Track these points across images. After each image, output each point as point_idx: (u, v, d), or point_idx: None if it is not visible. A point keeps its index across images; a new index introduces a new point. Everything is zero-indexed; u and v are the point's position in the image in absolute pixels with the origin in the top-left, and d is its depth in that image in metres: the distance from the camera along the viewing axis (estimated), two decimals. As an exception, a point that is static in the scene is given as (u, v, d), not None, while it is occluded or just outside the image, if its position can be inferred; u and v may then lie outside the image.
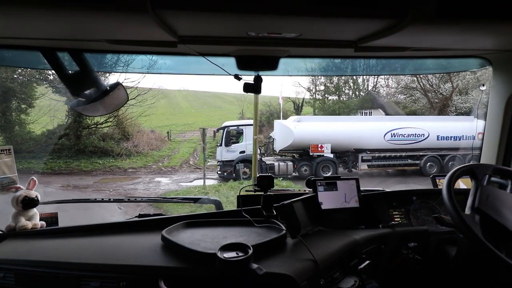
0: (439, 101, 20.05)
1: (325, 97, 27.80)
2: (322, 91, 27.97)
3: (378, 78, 27.74)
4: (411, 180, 12.81)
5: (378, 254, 1.58)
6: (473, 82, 18.54)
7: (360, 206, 1.77)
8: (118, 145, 15.48)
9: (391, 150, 13.58)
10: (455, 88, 18.99)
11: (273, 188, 1.73)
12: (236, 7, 0.96)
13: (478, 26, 1.14)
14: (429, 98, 20.90)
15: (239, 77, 1.49)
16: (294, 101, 27.80)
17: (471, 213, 1.28)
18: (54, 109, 14.50)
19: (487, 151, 1.92)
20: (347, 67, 2.08)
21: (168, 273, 1.21)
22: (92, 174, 13.59)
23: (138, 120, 16.76)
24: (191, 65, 1.71)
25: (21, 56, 1.64)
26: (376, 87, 29.02)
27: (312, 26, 1.14)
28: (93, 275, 1.26)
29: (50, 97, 14.51)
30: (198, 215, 1.75)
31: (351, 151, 13.48)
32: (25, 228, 1.61)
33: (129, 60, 1.66)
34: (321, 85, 27.67)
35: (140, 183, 12.45)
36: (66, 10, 0.93)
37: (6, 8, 0.92)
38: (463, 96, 18.76)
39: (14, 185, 1.67)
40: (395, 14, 1.02)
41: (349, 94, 28.30)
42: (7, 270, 1.34)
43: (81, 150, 14.69)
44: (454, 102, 18.90)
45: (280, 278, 1.15)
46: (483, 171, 1.39)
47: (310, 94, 28.14)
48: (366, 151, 13.47)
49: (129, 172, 14.22)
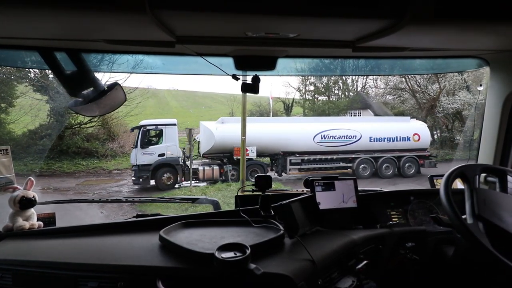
0: (427, 102, 20.18)
1: (315, 97, 27.90)
2: (312, 91, 28.09)
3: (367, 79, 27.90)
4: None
5: (376, 254, 1.58)
6: (460, 83, 18.68)
7: (358, 206, 1.77)
8: (103, 146, 15.12)
9: (321, 153, 12.93)
10: (442, 89, 19.12)
11: (270, 188, 1.73)
12: (234, 7, 0.96)
13: (476, 26, 1.14)
14: (417, 99, 21.03)
15: (237, 77, 1.49)
16: (284, 101, 27.90)
17: (474, 222, 1.25)
18: (36, 108, 13.98)
19: (484, 151, 1.93)
20: (344, 67, 2.08)
21: (166, 273, 1.21)
22: (75, 176, 13.28)
23: (124, 120, 16.24)
24: (188, 65, 1.70)
25: (19, 56, 1.63)
26: (365, 88, 29.22)
27: (310, 26, 1.14)
28: (91, 275, 1.26)
29: (31, 96, 13.98)
30: (196, 215, 1.74)
31: (280, 154, 12.81)
32: (22, 228, 1.60)
33: (123, 60, 1.65)
34: (311, 85, 27.79)
35: (125, 185, 12.04)
36: (64, 10, 0.93)
37: (3, 8, 0.92)
38: (450, 97, 18.86)
39: (12, 185, 1.67)
40: (393, 14, 1.02)
41: (339, 94, 28.45)
42: (4, 270, 1.33)
43: (63, 151, 14.34)
44: (442, 103, 18.97)
45: (278, 278, 1.15)
46: (473, 172, 1.38)
47: (300, 94, 28.26)
48: (295, 154, 12.81)
49: (114, 173, 13.92)
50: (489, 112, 1.88)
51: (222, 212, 1.85)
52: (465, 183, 1.36)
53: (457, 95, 18.55)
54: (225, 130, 12.17)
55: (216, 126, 12.37)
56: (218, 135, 12.06)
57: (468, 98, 18.17)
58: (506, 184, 1.45)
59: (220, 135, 12.07)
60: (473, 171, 1.39)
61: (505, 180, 1.46)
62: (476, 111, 2.18)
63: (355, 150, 13.31)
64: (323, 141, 13.02)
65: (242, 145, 10.17)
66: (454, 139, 20.08)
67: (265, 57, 1.50)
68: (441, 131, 20.75)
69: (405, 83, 21.09)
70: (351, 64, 2.05)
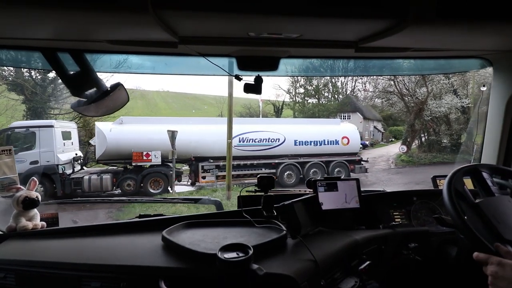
0: (415, 105, 20.25)
1: (305, 100, 27.96)
2: (302, 93, 28.18)
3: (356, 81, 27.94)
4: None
5: (378, 254, 1.58)
6: (447, 87, 18.90)
7: (360, 206, 1.77)
8: (84, 148, 14.24)
9: (240, 158, 11.42)
10: (430, 92, 19.23)
11: (273, 188, 1.74)
12: (237, 8, 0.96)
13: (479, 26, 1.14)
14: (406, 102, 21.12)
15: (239, 78, 1.49)
16: (274, 104, 27.91)
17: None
18: (12, 108, 13.48)
19: (487, 152, 1.92)
20: (346, 67, 2.08)
21: (168, 274, 1.21)
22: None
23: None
24: (190, 66, 1.71)
25: (22, 56, 1.64)
26: (354, 91, 29.36)
27: (313, 27, 1.14)
28: (94, 276, 1.26)
29: (6, 95, 13.52)
30: (199, 215, 1.75)
31: (191, 160, 11.35)
32: (25, 229, 1.61)
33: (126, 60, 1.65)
34: (300, 87, 27.89)
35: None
36: (67, 11, 0.93)
37: (6, 8, 0.92)
38: (437, 100, 19.04)
39: (15, 185, 1.67)
40: (395, 14, 1.02)
41: (328, 97, 28.56)
42: (8, 271, 1.34)
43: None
44: (429, 106, 19.13)
45: (281, 279, 1.15)
46: (486, 171, 1.37)
47: (290, 96, 28.34)
48: (208, 159, 11.40)
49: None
50: (492, 112, 1.87)
51: (224, 212, 1.85)
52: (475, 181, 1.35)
53: (444, 98, 18.79)
54: (122, 132, 10.63)
55: (111, 128, 10.75)
56: (111, 138, 10.46)
57: (454, 102, 18.46)
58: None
59: (115, 137, 10.47)
60: (477, 171, 1.38)
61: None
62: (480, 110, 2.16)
63: (278, 155, 12.20)
64: (242, 145, 11.69)
65: (228, 149, 9.46)
66: (441, 142, 20.34)
67: (268, 57, 1.50)
68: (429, 134, 20.95)
69: (393, 86, 21.20)
70: (352, 65, 2.05)
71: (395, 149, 21.96)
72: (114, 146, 10.43)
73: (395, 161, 19.28)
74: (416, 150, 20.80)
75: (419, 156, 19.25)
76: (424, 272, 1.64)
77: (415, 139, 20.89)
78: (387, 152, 22.92)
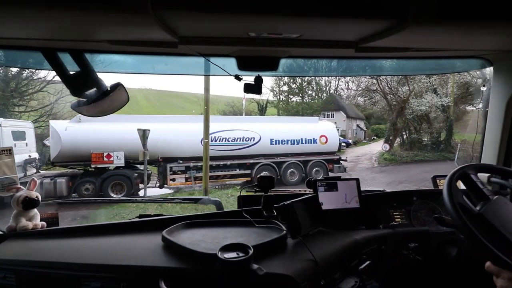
0: (397, 104, 20.38)
1: (288, 98, 27.88)
2: (285, 91, 28.12)
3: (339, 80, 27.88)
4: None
5: (378, 254, 1.58)
6: (427, 86, 19.16)
7: (360, 206, 1.77)
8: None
9: (212, 158, 10.50)
10: (412, 91, 19.37)
11: (273, 188, 1.74)
12: (237, 8, 0.96)
13: (479, 26, 1.14)
14: (388, 101, 21.24)
15: (239, 78, 1.49)
16: (258, 102, 27.79)
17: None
18: None
19: (487, 152, 1.92)
20: (347, 67, 2.08)
21: (168, 274, 1.21)
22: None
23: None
24: (190, 66, 1.71)
25: (22, 56, 1.64)
26: (337, 90, 29.35)
27: (313, 27, 1.14)
28: (94, 276, 1.26)
29: None
30: (199, 215, 1.75)
31: (158, 161, 10.60)
32: (25, 229, 1.61)
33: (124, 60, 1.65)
34: (284, 85, 27.81)
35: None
36: (67, 11, 0.93)
37: (6, 8, 0.92)
38: (419, 99, 19.20)
39: (15, 185, 1.67)
40: (395, 14, 1.02)
41: (312, 95, 28.52)
42: (8, 271, 1.34)
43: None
44: (411, 104, 19.27)
45: (281, 279, 1.15)
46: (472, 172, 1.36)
47: (273, 94, 28.26)
48: (178, 160, 10.78)
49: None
50: (492, 112, 1.87)
51: (224, 212, 1.85)
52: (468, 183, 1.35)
53: (424, 97, 19.01)
54: (80, 131, 9.73)
55: (66, 126, 9.82)
56: (67, 138, 9.59)
57: (435, 101, 18.64)
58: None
59: (71, 137, 9.60)
60: (476, 171, 1.38)
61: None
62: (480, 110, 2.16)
63: (254, 155, 11.63)
64: (214, 144, 10.93)
65: (205, 149, 9.01)
66: (422, 141, 20.53)
67: (268, 57, 1.50)
68: (410, 132, 21.10)
69: (376, 85, 21.33)
70: (353, 65, 2.05)
71: (377, 147, 22.09)
72: (70, 146, 9.63)
73: (378, 159, 19.34)
74: (398, 148, 20.96)
75: (401, 155, 19.41)
76: (424, 272, 1.64)
77: (397, 137, 21.04)
78: (369, 150, 22.99)
